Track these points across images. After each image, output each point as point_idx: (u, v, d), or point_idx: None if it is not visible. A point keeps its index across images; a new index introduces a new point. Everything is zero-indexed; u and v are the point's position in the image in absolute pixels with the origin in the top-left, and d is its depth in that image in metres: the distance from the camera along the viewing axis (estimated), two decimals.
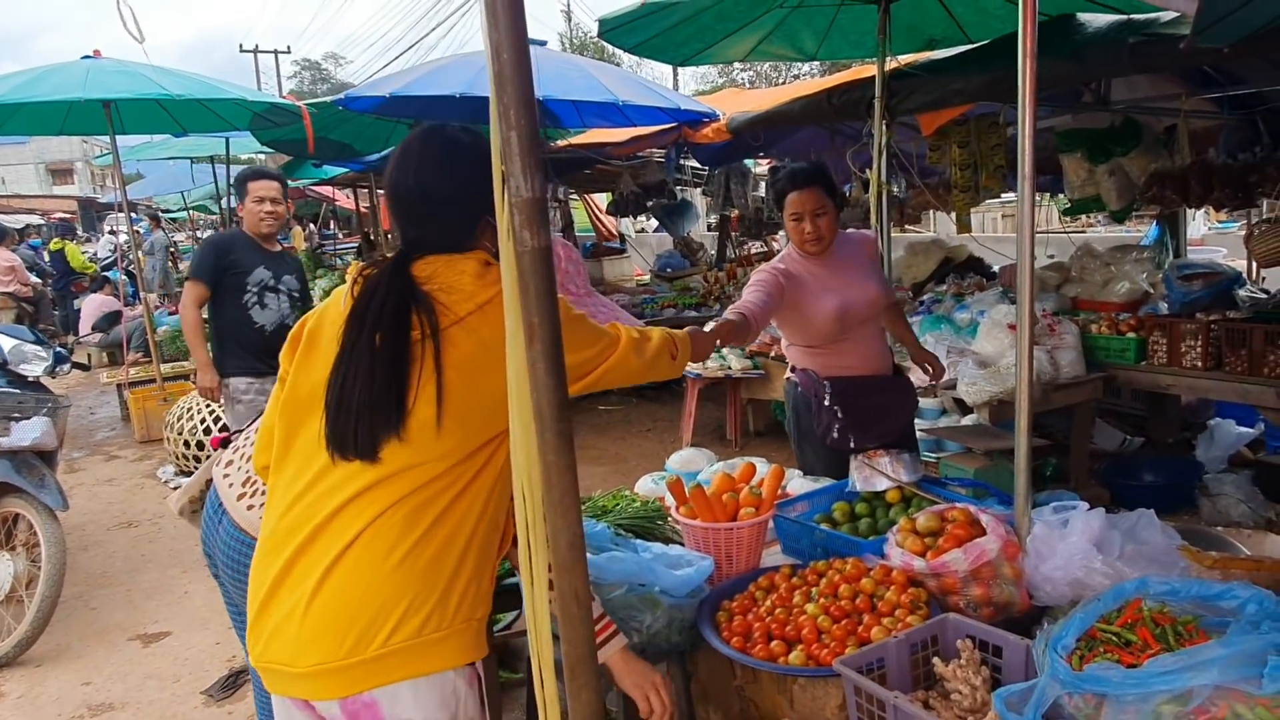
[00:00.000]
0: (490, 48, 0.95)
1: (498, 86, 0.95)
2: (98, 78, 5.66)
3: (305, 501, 1.51)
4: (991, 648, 2.05)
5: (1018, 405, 2.45)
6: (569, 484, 1.04)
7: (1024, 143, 2.36)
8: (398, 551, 1.46)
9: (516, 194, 0.97)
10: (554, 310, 1.01)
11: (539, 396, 1.02)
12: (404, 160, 1.63)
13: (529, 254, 0.99)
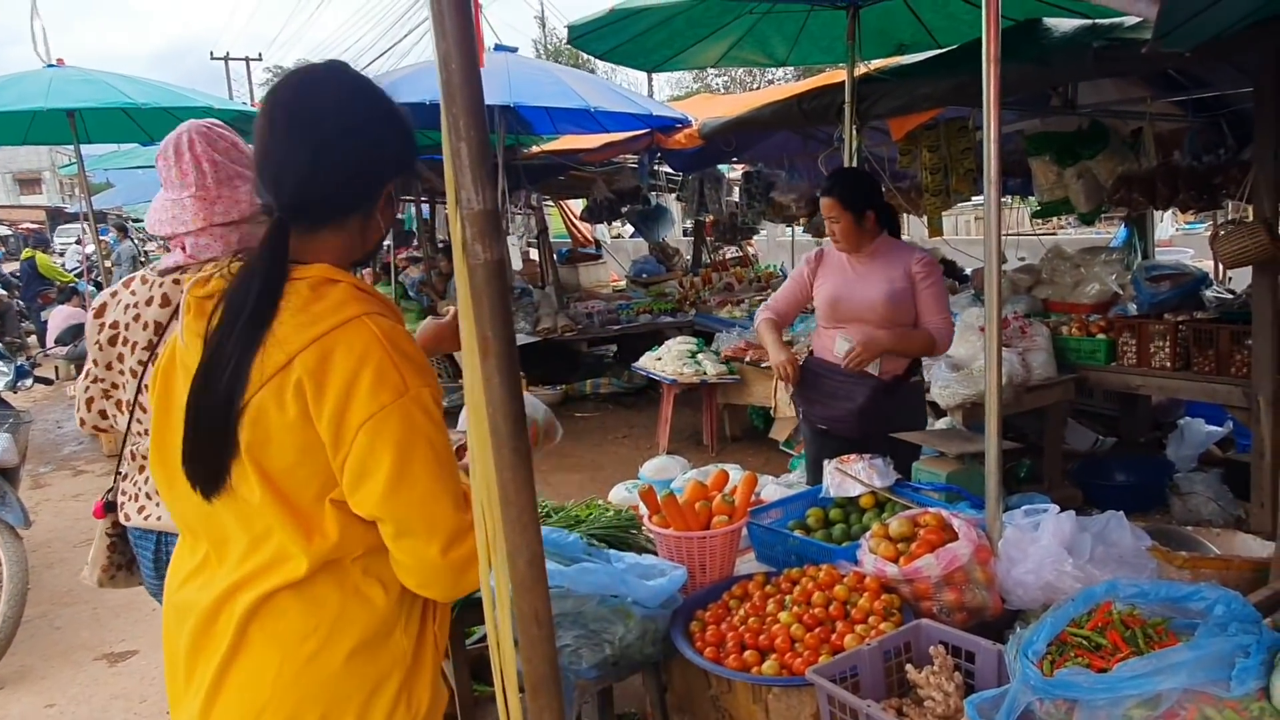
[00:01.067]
0: (439, 58, 0.93)
1: (446, 97, 0.93)
2: (61, 87, 5.57)
3: None
4: (965, 653, 2.05)
5: (988, 408, 2.46)
6: (527, 501, 1.02)
7: (989, 146, 2.38)
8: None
9: (468, 206, 0.95)
10: (508, 324, 0.99)
11: (494, 412, 1.00)
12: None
13: (482, 267, 0.97)
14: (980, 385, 4.66)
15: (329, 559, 1.29)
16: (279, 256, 1.28)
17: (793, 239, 10.67)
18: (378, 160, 1.35)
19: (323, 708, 1.28)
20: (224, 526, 1.33)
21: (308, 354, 1.22)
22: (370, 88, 1.37)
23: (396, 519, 1.25)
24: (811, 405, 3.44)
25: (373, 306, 1.29)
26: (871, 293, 3.28)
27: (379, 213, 1.38)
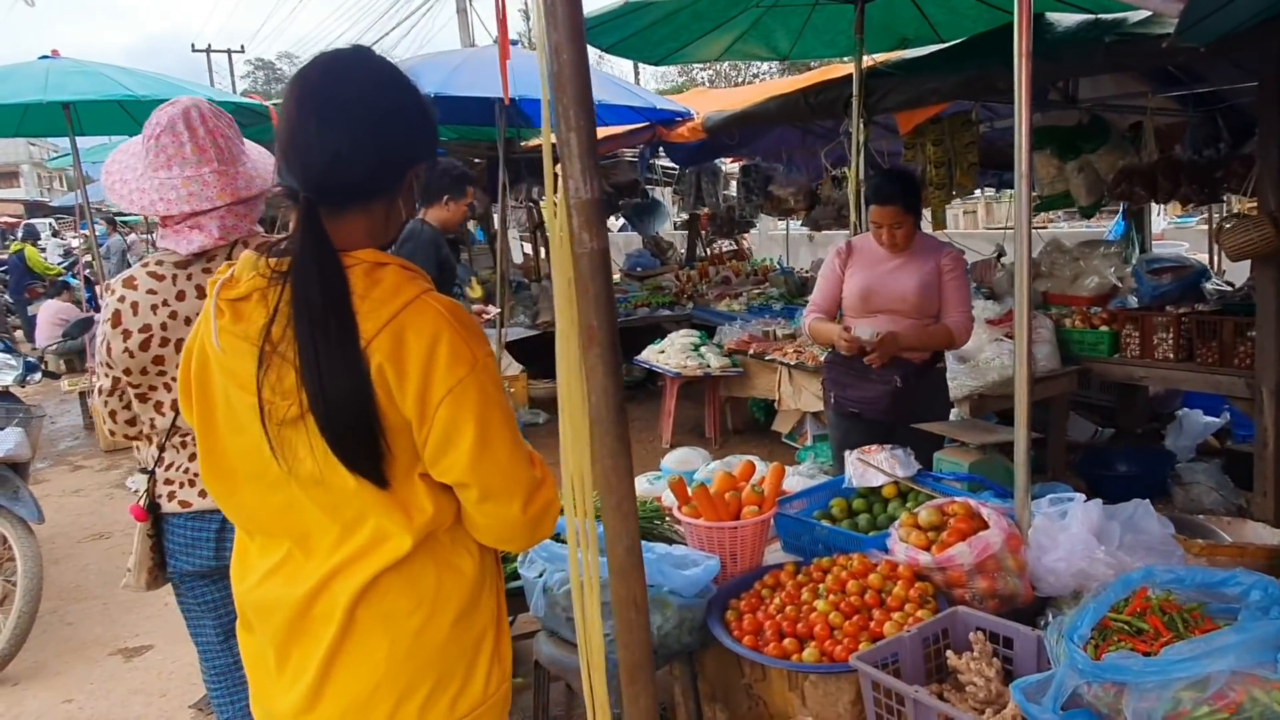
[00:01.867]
0: (549, 48, 0.93)
1: (556, 87, 0.93)
2: (58, 79, 5.50)
3: None
4: (1002, 639, 2.08)
5: (1017, 399, 2.49)
6: (627, 488, 1.03)
7: (1020, 141, 2.40)
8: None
9: (576, 195, 0.96)
10: (613, 313, 1.00)
11: (598, 400, 1.01)
12: None
13: (588, 255, 0.98)
14: (987, 377, 4.71)
15: (427, 533, 1.33)
16: (323, 242, 1.28)
17: (787, 232, 10.70)
18: (404, 145, 1.36)
19: (434, 678, 1.33)
20: (308, 519, 1.34)
21: (381, 339, 1.24)
22: (397, 73, 1.37)
23: (482, 484, 1.30)
24: (844, 389, 3.49)
25: (427, 284, 1.32)
26: (904, 285, 3.36)
27: (402, 198, 1.39)
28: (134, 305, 1.97)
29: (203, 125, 1.99)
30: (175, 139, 1.96)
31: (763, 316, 6.79)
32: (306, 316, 1.24)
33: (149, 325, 1.97)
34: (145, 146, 2.00)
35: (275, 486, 1.33)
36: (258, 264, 1.33)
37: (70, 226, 22.86)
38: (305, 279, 1.26)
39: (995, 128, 6.21)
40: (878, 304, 3.42)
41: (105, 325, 1.98)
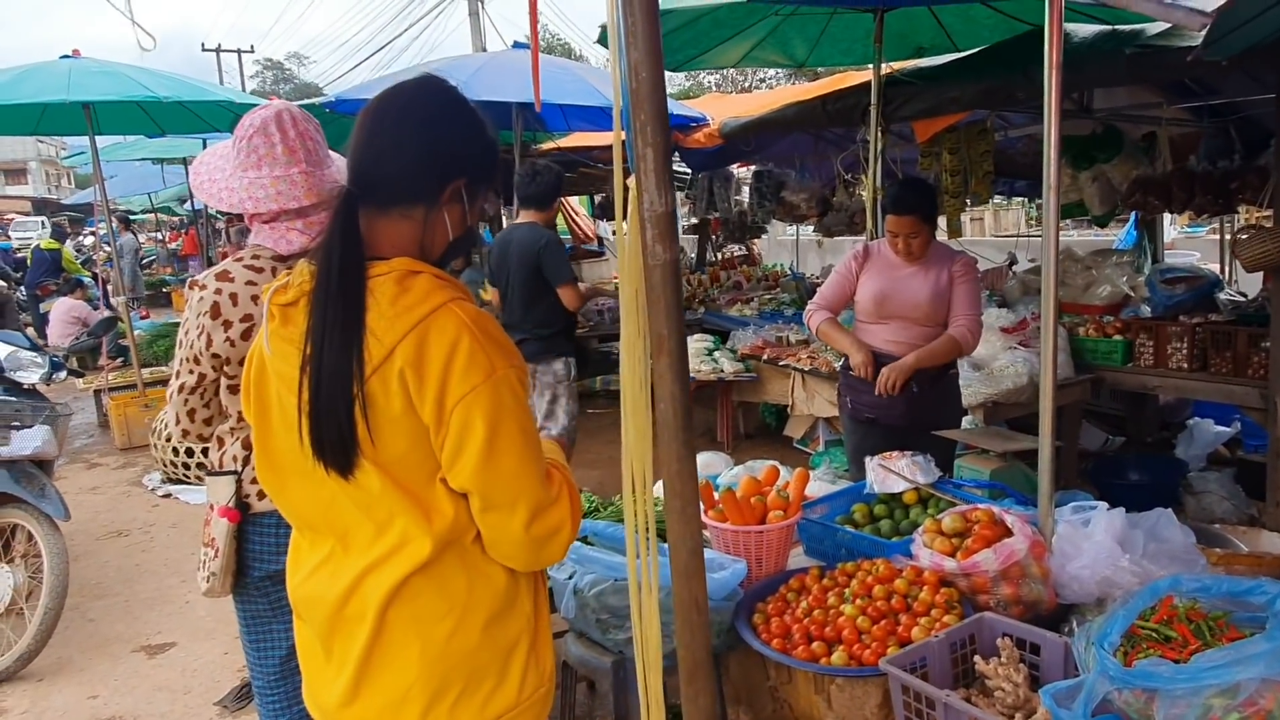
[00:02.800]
0: (629, 66, 0.96)
1: (635, 104, 0.97)
2: (80, 79, 5.54)
3: None
4: (1029, 645, 2.11)
5: (1042, 407, 2.52)
6: (691, 493, 1.06)
7: (1049, 151, 2.42)
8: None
9: (651, 209, 0.99)
10: (681, 322, 1.03)
11: (666, 406, 1.04)
12: None
13: (661, 267, 1.01)
14: (1001, 384, 4.73)
15: (450, 539, 1.36)
16: (350, 236, 1.33)
17: (797, 238, 10.73)
18: (448, 154, 1.40)
19: (464, 681, 1.36)
20: (347, 517, 1.39)
21: (405, 344, 1.29)
22: (455, 95, 1.44)
23: (484, 493, 1.33)
24: (860, 395, 3.51)
25: (456, 293, 1.35)
26: (918, 293, 3.39)
27: (445, 210, 1.41)
28: (233, 296, 2.01)
29: (293, 127, 2.04)
30: (267, 140, 2.01)
31: (775, 322, 6.82)
32: (320, 302, 1.31)
33: (250, 315, 2.01)
34: (236, 147, 2.04)
35: (320, 484, 1.37)
36: (306, 270, 1.38)
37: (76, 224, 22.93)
38: (325, 264, 1.32)
39: (1009, 136, 6.25)
40: (891, 310, 3.46)
41: (202, 318, 2.00)
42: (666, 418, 1.04)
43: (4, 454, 3.56)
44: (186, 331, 2.05)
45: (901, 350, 3.39)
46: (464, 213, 1.44)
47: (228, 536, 2.06)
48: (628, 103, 1.00)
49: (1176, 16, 3.16)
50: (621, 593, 2.35)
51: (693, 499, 1.07)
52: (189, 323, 2.04)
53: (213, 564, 2.07)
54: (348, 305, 1.29)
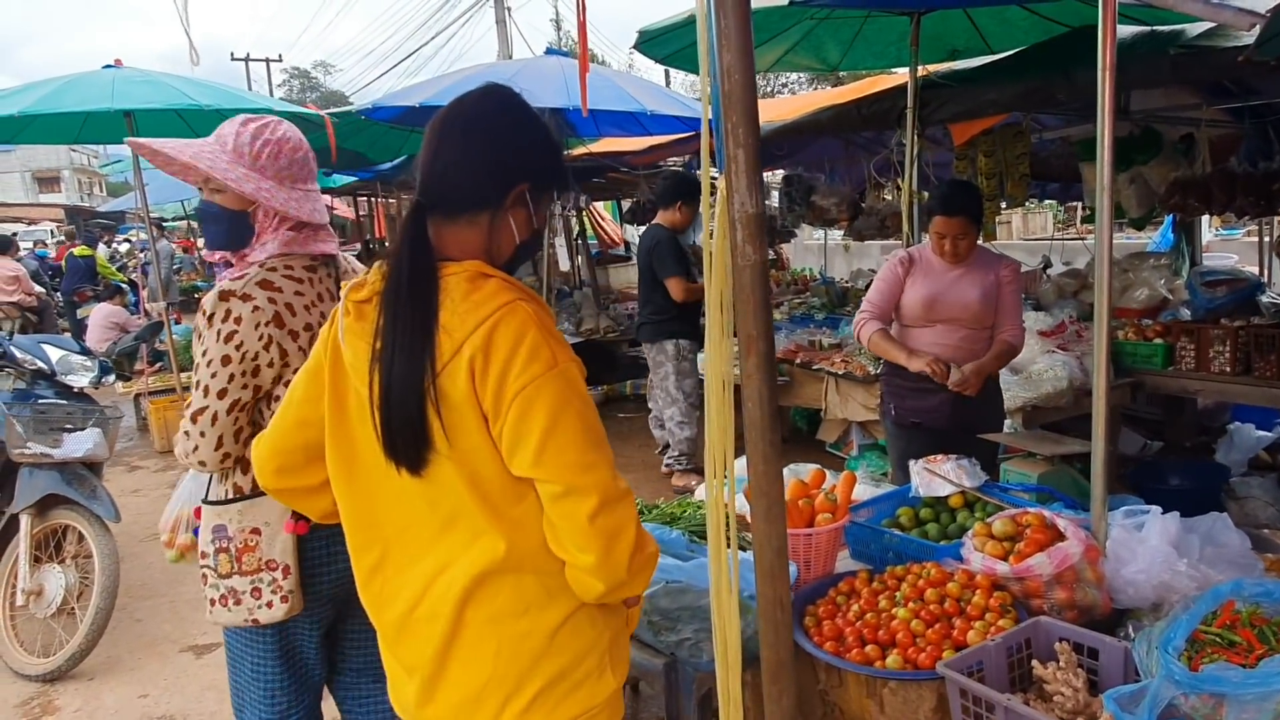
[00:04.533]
0: (720, 69, 0.98)
1: (726, 106, 0.98)
2: (124, 88, 5.65)
3: None
4: (1086, 650, 2.09)
5: (1095, 411, 2.50)
6: (778, 493, 1.07)
7: (1103, 154, 2.41)
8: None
9: (741, 209, 1.00)
10: (770, 323, 1.04)
11: (754, 406, 1.05)
12: None
13: (750, 268, 1.02)
14: (1041, 388, 4.70)
15: (522, 536, 1.38)
16: (419, 242, 1.38)
17: (825, 242, 10.70)
18: (511, 162, 1.43)
19: (541, 680, 1.39)
20: (411, 513, 1.42)
21: (476, 335, 1.33)
22: (521, 104, 1.47)
23: (551, 478, 1.35)
24: (904, 400, 3.52)
25: (524, 294, 1.40)
26: (967, 295, 3.39)
27: (510, 215, 1.44)
28: (289, 306, 1.99)
29: (303, 145, 2.12)
30: (306, 157, 2.10)
31: (806, 326, 6.81)
32: (391, 302, 1.35)
33: (309, 324, 2.01)
34: (283, 158, 2.04)
35: (389, 478, 1.40)
36: (378, 270, 1.42)
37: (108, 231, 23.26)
38: (397, 268, 1.36)
39: (1042, 139, 6.21)
40: (940, 313, 3.45)
41: (265, 329, 1.94)
42: (754, 417, 1.05)
43: (56, 456, 3.62)
44: (239, 346, 1.91)
45: (949, 353, 3.39)
46: (529, 216, 1.47)
47: (292, 550, 2.03)
48: (719, 106, 1.01)
49: (1225, 16, 3.14)
50: (673, 595, 2.35)
51: (779, 499, 1.08)
52: (241, 336, 1.92)
53: (286, 583, 2.02)
54: (417, 305, 1.34)
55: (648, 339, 5.68)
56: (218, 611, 2.07)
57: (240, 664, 2.19)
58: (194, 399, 1.95)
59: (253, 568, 2.02)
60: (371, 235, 15.60)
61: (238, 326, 1.92)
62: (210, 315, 1.93)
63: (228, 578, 2.03)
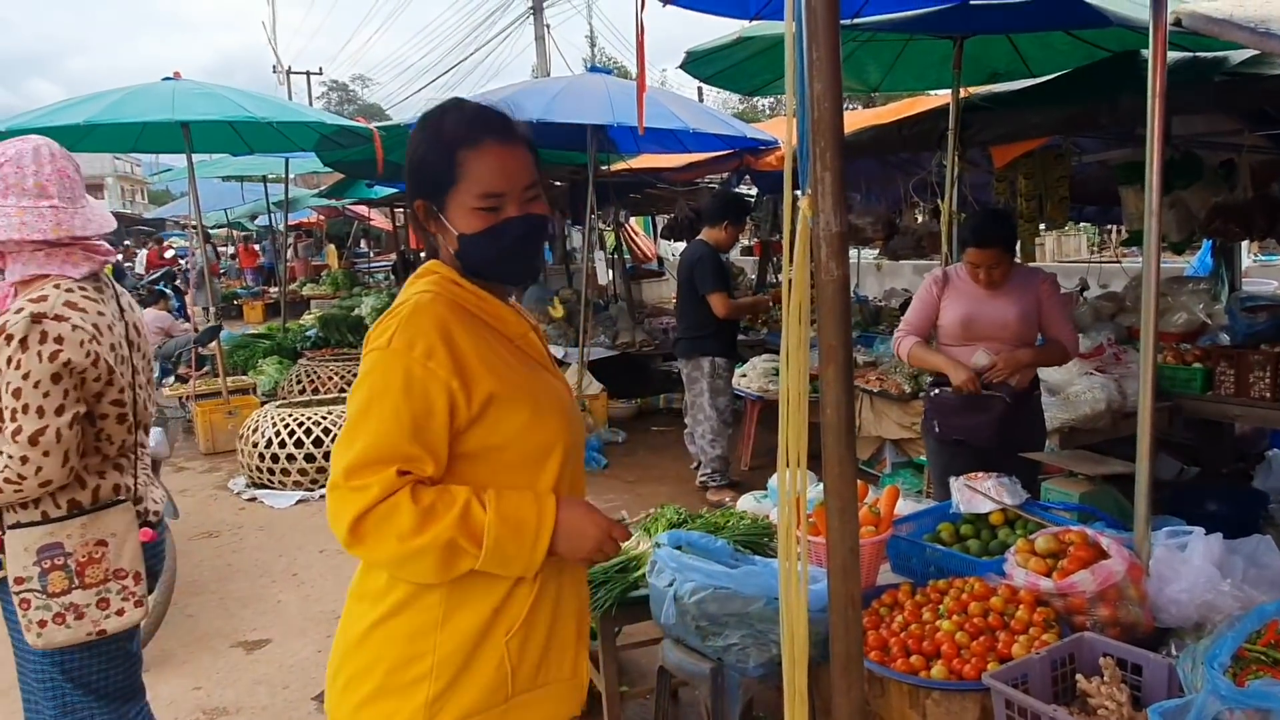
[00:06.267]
0: (810, 97, 1.05)
1: (816, 132, 1.05)
2: (183, 100, 5.84)
3: None
4: (1131, 666, 2.12)
5: (1140, 430, 2.55)
6: (850, 495, 1.14)
7: (1152, 178, 2.46)
8: None
9: (827, 229, 1.08)
10: (849, 334, 1.11)
11: (832, 412, 1.12)
12: None
13: (832, 283, 1.09)
14: (1078, 409, 4.71)
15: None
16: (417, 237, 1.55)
17: (858, 260, 10.72)
18: (409, 175, 1.52)
19: (349, 671, 1.46)
20: None
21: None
22: (425, 116, 1.54)
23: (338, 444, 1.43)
24: (948, 418, 3.56)
25: (436, 289, 1.48)
26: (1005, 313, 3.45)
27: (428, 225, 1.52)
28: (96, 326, 2.01)
29: (50, 163, 2.04)
30: (18, 171, 2.00)
31: None
32: None
33: (114, 344, 2.06)
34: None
35: None
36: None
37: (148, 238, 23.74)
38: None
39: (1081, 162, 6.22)
40: (978, 332, 3.50)
41: (90, 345, 1.98)
42: (832, 422, 1.12)
43: None
44: (67, 363, 1.92)
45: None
46: (421, 228, 1.55)
47: (142, 558, 2.14)
48: (805, 131, 1.09)
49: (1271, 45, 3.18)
50: (721, 600, 2.41)
51: (852, 500, 1.15)
52: (67, 354, 1.93)
53: (139, 589, 2.12)
54: None
55: (684, 355, 5.71)
56: (50, 632, 2.02)
57: (63, 684, 2.14)
58: (24, 423, 1.90)
59: (98, 579, 2.05)
60: (406, 246, 15.83)
61: (60, 345, 1.93)
62: (24, 339, 1.90)
63: (63, 595, 2.02)
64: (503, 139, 1.44)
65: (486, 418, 1.41)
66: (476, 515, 1.37)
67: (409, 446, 1.37)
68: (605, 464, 6.56)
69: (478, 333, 1.45)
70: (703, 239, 5.65)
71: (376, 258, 20.90)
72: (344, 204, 15.04)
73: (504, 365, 1.45)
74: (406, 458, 1.37)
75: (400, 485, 1.36)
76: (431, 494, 1.38)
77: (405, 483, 1.37)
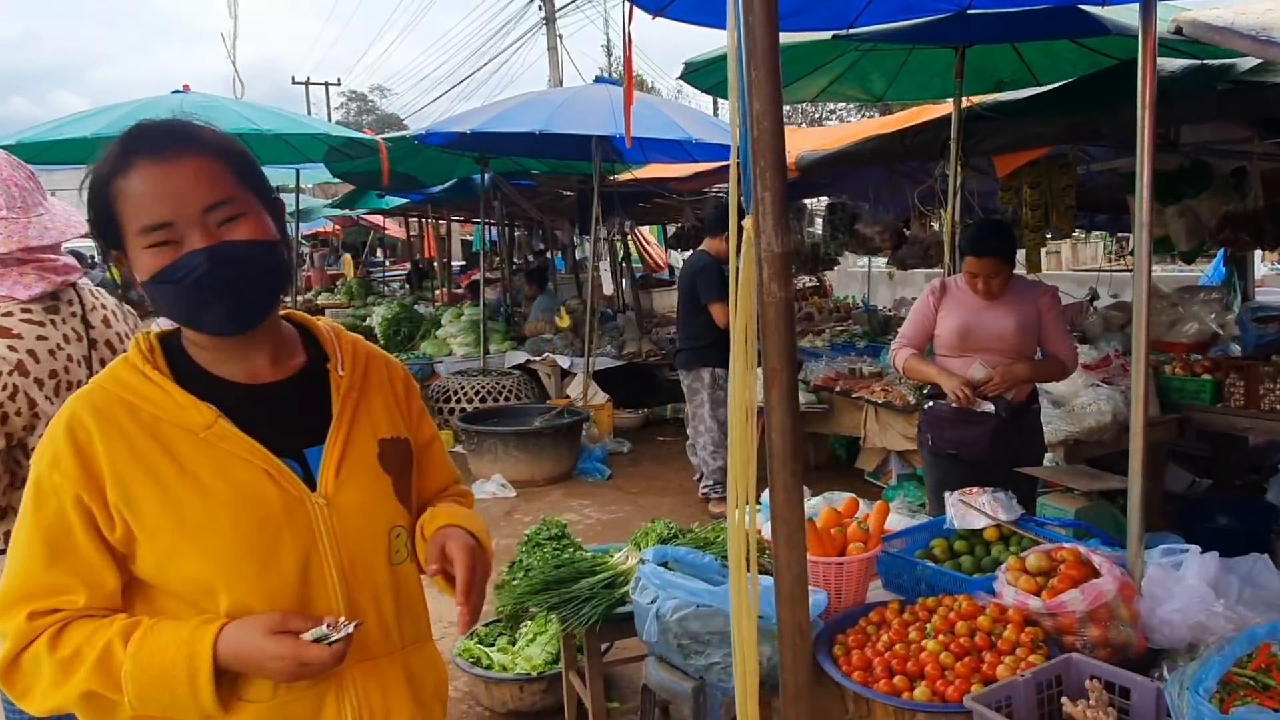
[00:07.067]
0: (749, 116, 1.03)
1: (756, 151, 1.03)
2: (190, 112, 5.86)
3: None
4: (1118, 689, 2.08)
5: (1132, 447, 2.49)
6: (798, 520, 1.11)
7: (1142, 190, 2.42)
8: None
9: (768, 249, 1.06)
10: (794, 358, 1.08)
11: (777, 437, 1.09)
12: None
13: (775, 305, 1.07)
14: (1083, 422, 4.65)
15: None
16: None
17: (868, 270, 10.68)
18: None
19: None
20: None
21: None
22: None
23: None
24: (943, 430, 3.53)
25: (97, 381, 1.28)
26: (1003, 324, 3.41)
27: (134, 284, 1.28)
28: (32, 353, 1.88)
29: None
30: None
31: (847, 354, 6.81)
32: None
33: (55, 370, 1.92)
34: None
35: None
36: None
37: None
38: None
39: (1089, 170, 6.16)
40: (975, 343, 3.46)
41: (10, 378, 1.83)
42: (776, 447, 1.10)
43: None
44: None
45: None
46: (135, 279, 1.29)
47: None
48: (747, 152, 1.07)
49: (1273, 53, 3.13)
50: (703, 618, 2.38)
51: (799, 526, 1.12)
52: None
53: None
54: None
55: (684, 366, 5.72)
56: None
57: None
58: None
59: None
60: (421, 255, 15.91)
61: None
62: None
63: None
64: (156, 155, 1.19)
65: (131, 541, 1.20)
66: (117, 660, 1.15)
67: (47, 575, 1.18)
68: (609, 475, 6.54)
69: (131, 432, 1.21)
70: (704, 249, 5.68)
71: (392, 266, 21.02)
72: (358, 214, 15.13)
73: (147, 476, 1.20)
74: (48, 590, 1.18)
75: (36, 632, 1.17)
76: (80, 635, 1.17)
77: (43, 627, 1.17)
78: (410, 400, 1.45)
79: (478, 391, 7.52)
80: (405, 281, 16.35)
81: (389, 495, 1.33)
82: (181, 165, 1.18)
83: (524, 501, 6.14)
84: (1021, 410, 3.46)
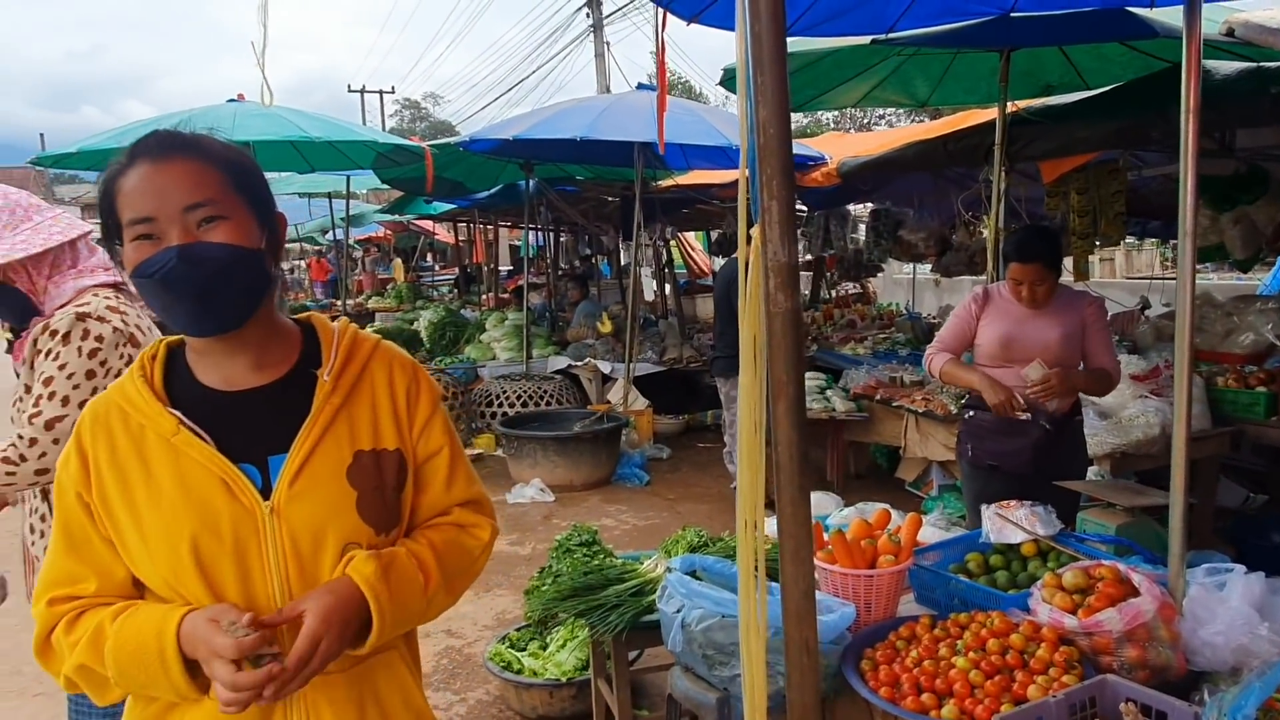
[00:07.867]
0: (756, 123, 1.02)
1: (762, 159, 1.02)
2: (244, 121, 6.06)
3: None
4: (1155, 713, 2.01)
5: (1174, 461, 2.43)
6: (805, 535, 1.10)
7: (1186, 198, 2.35)
8: None
9: (774, 258, 1.04)
10: (801, 369, 1.07)
11: (783, 450, 1.08)
12: None
13: (781, 315, 1.06)
14: (1130, 434, 4.52)
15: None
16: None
17: (914, 277, 10.53)
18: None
19: None
20: None
21: None
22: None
23: None
24: (983, 441, 3.45)
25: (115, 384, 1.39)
26: (1047, 334, 3.33)
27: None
28: (139, 327, 2.08)
29: None
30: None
31: (889, 362, 6.72)
32: None
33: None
34: None
35: None
36: None
37: None
38: None
39: (1142, 175, 6.00)
40: (1018, 353, 3.38)
41: (125, 349, 2.03)
42: (783, 461, 1.08)
43: None
44: (104, 362, 1.98)
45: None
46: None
47: None
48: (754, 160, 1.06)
49: None
50: (728, 629, 2.37)
51: (806, 541, 1.11)
52: (104, 354, 1.99)
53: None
54: None
55: (721, 373, 5.67)
56: None
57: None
58: (45, 409, 1.94)
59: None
60: (469, 260, 16.09)
61: (100, 344, 1.99)
62: (66, 334, 1.97)
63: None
64: (155, 156, 1.22)
65: (113, 539, 1.28)
66: (103, 638, 1.23)
67: (65, 564, 1.28)
68: (648, 481, 6.53)
69: (117, 438, 1.28)
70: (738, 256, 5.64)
71: (441, 271, 21.29)
72: (408, 219, 15.35)
73: (118, 482, 1.26)
74: (66, 578, 1.28)
75: (57, 618, 1.26)
76: (92, 620, 1.25)
77: (63, 613, 1.26)
78: (414, 410, 1.39)
79: (520, 396, 7.57)
80: (453, 286, 16.55)
81: (349, 510, 1.28)
82: (172, 165, 1.21)
83: (562, 506, 6.17)
84: (1065, 422, 3.37)
